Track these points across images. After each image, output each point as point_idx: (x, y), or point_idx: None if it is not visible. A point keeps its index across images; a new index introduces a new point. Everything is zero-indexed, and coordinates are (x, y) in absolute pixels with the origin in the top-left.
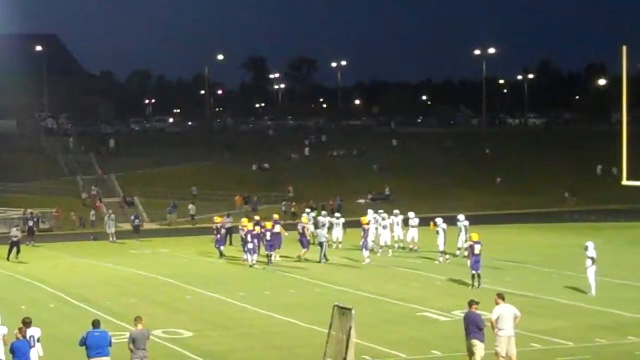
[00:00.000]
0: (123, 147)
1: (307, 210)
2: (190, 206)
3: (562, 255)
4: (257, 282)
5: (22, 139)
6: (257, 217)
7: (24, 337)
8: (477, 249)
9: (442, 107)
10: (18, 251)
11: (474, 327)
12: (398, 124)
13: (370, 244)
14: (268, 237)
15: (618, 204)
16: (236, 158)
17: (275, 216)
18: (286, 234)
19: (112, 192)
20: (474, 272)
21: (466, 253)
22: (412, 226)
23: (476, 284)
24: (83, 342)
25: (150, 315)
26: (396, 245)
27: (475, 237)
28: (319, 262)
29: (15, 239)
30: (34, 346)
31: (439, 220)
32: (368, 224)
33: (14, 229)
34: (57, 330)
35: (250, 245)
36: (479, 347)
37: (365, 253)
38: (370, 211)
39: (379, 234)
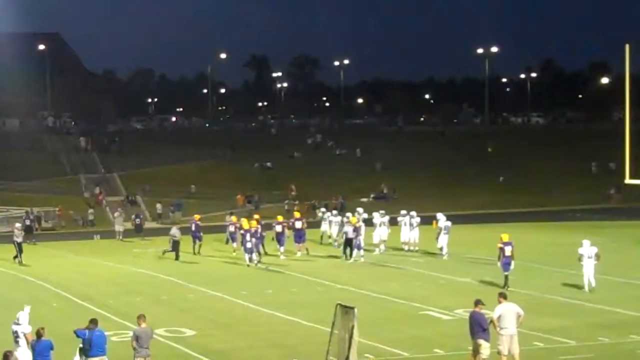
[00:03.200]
0: (126, 146)
1: (323, 209)
2: (158, 205)
3: (565, 253)
4: (260, 281)
5: (25, 138)
6: (256, 216)
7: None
8: (507, 250)
9: (446, 105)
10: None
11: (478, 327)
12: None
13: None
14: (275, 233)
15: (620, 202)
16: (239, 157)
17: (297, 214)
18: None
19: (115, 191)
20: (506, 273)
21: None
22: (412, 225)
23: (506, 285)
24: (84, 336)
25: (153, 314)
26: (405, 247)
27: (505, 237)
28: (347, 259)
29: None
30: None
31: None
32: (358, 222)
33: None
34: (60, 329)
35: (248, 245)
36: (484, 347)
37: (361, 252)
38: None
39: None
